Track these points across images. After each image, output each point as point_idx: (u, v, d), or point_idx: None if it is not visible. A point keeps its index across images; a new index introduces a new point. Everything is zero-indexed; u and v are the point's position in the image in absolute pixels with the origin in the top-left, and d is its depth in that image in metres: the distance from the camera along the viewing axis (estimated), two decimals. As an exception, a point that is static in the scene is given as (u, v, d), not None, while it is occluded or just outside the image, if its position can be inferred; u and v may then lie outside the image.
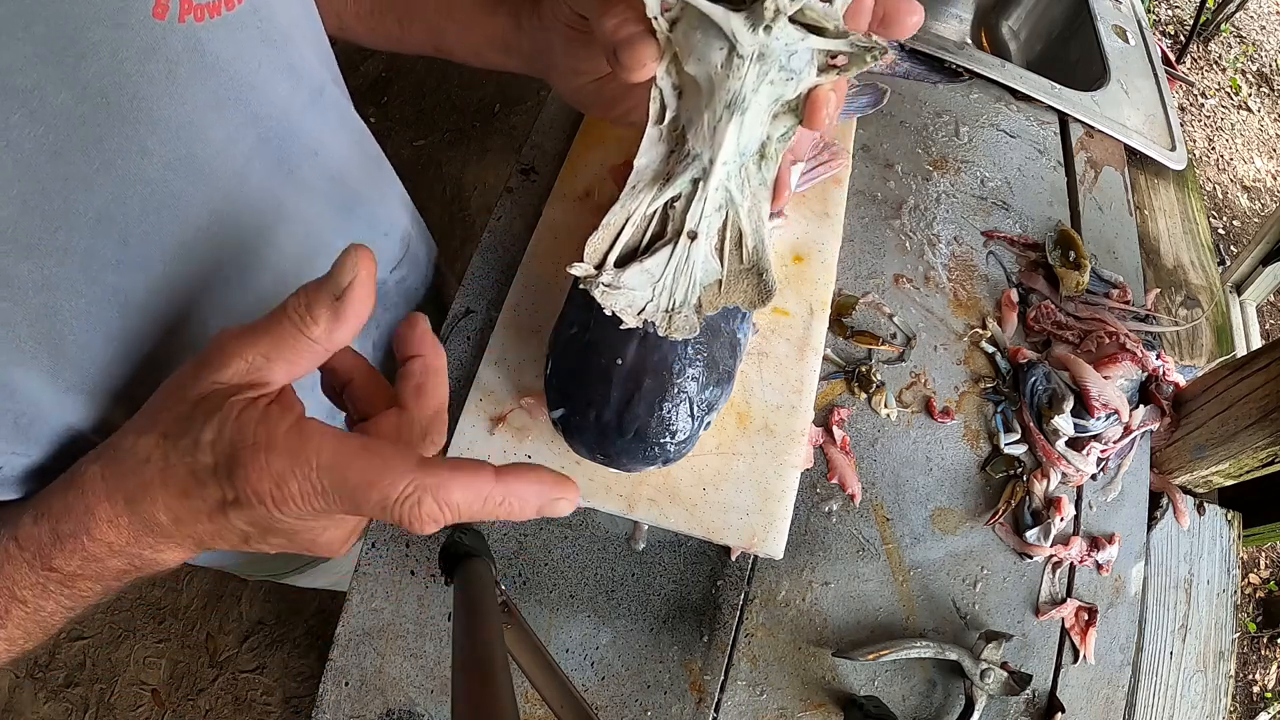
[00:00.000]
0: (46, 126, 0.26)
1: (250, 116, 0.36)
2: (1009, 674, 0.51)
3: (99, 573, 0.31)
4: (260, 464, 0.26)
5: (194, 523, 0.29)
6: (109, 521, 0.29)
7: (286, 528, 0.29)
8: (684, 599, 0.52)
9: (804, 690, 0.51)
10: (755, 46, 0.29)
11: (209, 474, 0.27)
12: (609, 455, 0.44)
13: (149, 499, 0.28)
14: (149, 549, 0.30)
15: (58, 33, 0.25)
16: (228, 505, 0.28)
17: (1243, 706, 1.65)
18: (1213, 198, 2.33)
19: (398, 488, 0.26)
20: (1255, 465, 0.58)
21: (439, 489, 0.26)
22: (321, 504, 0.27)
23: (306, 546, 0.31)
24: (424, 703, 0.49)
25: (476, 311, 0.58)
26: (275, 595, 1.46)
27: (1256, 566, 1.81)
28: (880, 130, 0.74)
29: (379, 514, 0.26)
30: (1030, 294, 0.67)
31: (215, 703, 1.39)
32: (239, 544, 0.30)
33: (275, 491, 0.26)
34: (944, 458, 0.59)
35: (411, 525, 0.26)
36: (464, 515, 0.27)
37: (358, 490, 0.26)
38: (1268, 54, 2.77)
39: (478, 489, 0.27)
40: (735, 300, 0.36)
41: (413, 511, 0.26)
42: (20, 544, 0.30)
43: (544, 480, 0.28)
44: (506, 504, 0.27)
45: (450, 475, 0.26)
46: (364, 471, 0.26)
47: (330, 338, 0.28)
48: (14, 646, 0.33)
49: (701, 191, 0.34)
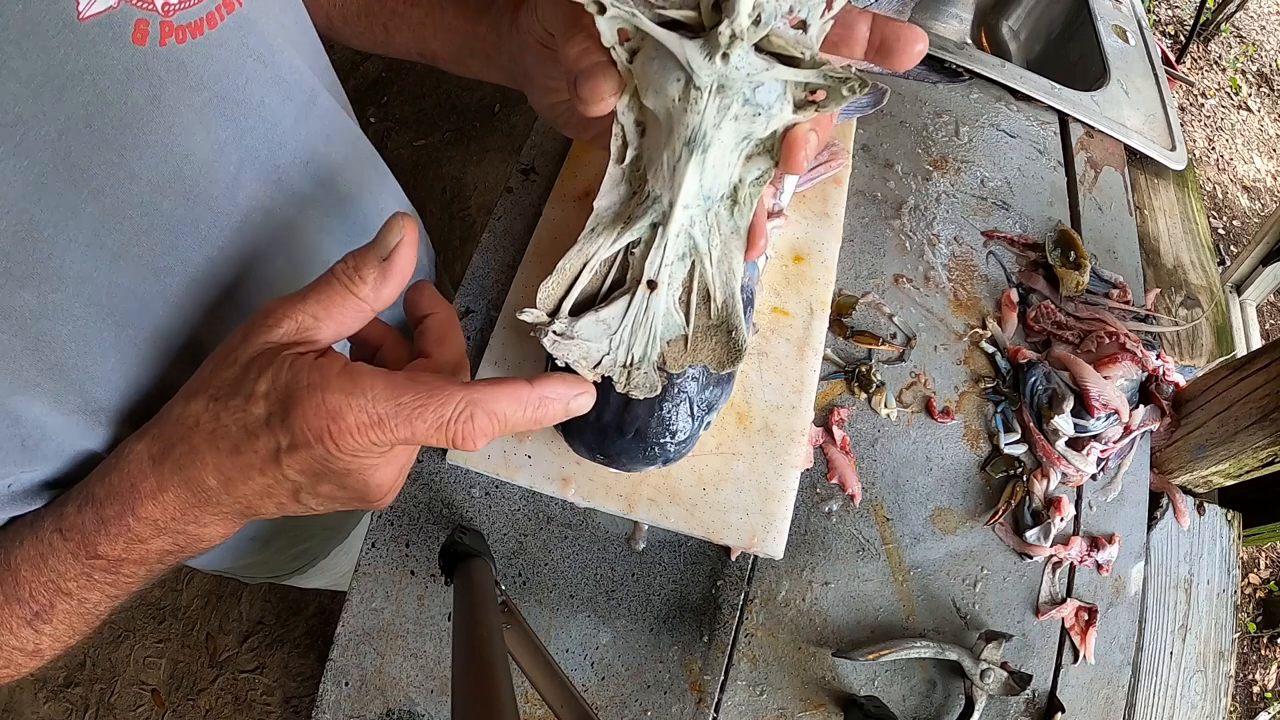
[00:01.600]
0: (31, 159, 0.26)
1: (237, 132, 0.36)
2: (1009, 674, 0.51)
3: (143, 556, 0.31)
4: (316, 401, 0.27)
5: (244, 481, 0.29)
6: (153, 497, 0.30)
7: (340, 468, 0.29)
8: (684, 599, 0.52)
9: (804, 690, 0.51)
10: (713, 77, 0.26)
11: (262, 425, 0.28)
12: (609, 455, 0.44)
13: (197, 463, 0.29)
14: (193, 523, 0.31)
15: (36, 67, 0.25)
16: (281, 453, 0.28)
17: (1243, 706, 1.65)
18: (1213, 198, 2.33)
19: (450, 404, 0.28)
20: (1255, 465, 0.58)
21: (487, 402, 0.28)
22: (377, 435, 0.27)
23: (358, 491, 0.31)
24: (424, 703, 0.49)
25: (476, 311, 0.58)
26: (275, 595, 1.46)
27: (1256, 566, 1.81)
28: (880, 130, 0.74)
29: (433, 435, 0.28)
30: (1030, 294, 0.67)
31: (215, 703, 1.39)
32: (287, 501, 0.31)
33: (332, 425, 0.27)
34: (944, 458, 0.59)
35: (465, 441, 0.28)
36: (509, 425, 0.29)
37: (414, 413, 0.27)
38: (1268, 54, 2.77)
39: (519, 397, 0.29)
40: (702, 360, 0.33)
41: (466, 427, 0.28)
42: (64, 534, 0.31)
43: (567, 380, 0.31)
44: (542, 405, 0.30)
45: (495, 389, 0.29)
46: (417, 395, 0.27)
47: (377, 296, 0.30)
48: (58, 642, 0.34)
49: (661, 237, 0.31)
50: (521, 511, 0.53)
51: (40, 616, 0.32)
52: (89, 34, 0.26)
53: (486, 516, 0.53)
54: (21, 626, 0.32)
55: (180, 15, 0.30)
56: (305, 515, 0.34)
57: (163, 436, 0.30)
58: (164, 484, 0.30)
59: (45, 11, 0.25)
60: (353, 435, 0.27)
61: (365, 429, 0.27)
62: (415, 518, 0.52)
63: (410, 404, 0.27)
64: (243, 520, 0.32)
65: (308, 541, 0.71)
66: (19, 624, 0.32)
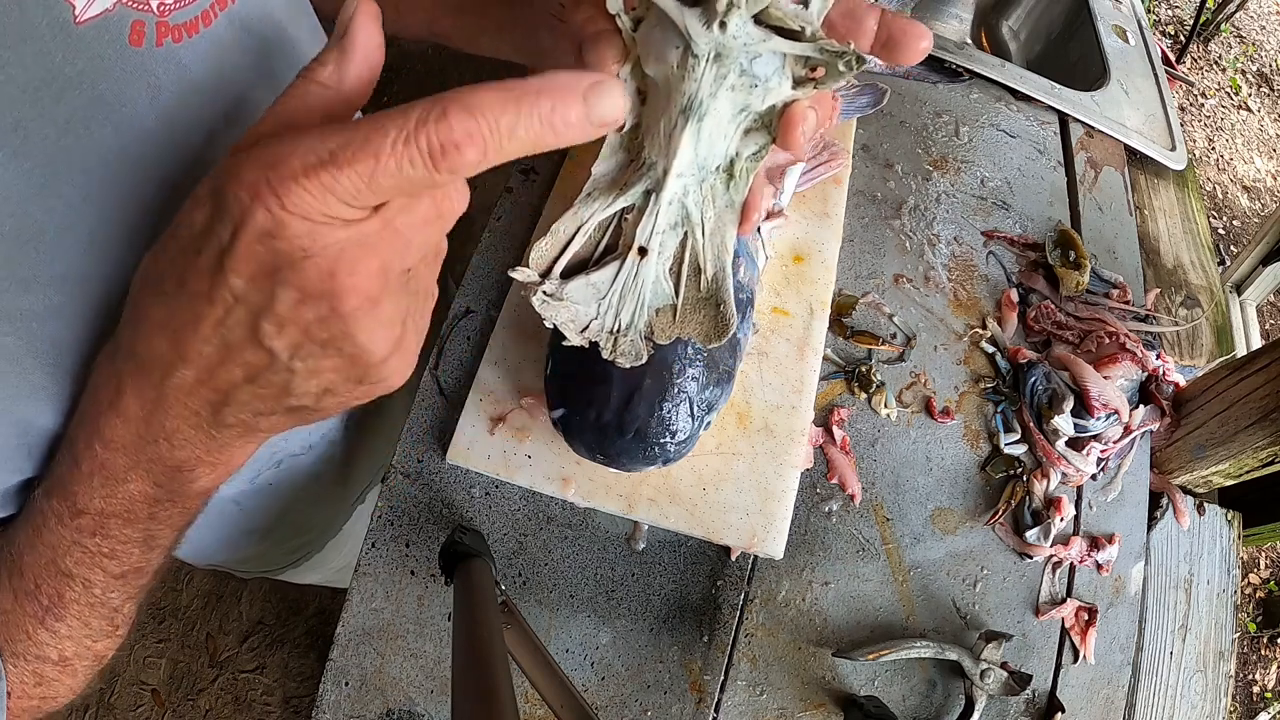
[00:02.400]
0: (32, 161, 0.26)
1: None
2: (1009, 674, 0.51)
3: (127, 507, 0.28)
4: (253, 157, 0.22)
5: (194, 326, 0.24)
6: (113, 406, 0.26)
7: (295, 253, 0.22)
8: (684, 599, 0.52)
9: (804, 690, 0.51)
10: (711, 45, 0.27)
11: (203, 230, 0.23)
12: (609, 455, 0.44)
13: (146, 328, 0.25)
14: (162, 438, 0.26)
15: (34, 72, 0.25)
16: (224, 255, 0.22)
17: (1243, 706, 1.65)
18: (1213, 198, 2.33)
19: (413, 110, 0.21)
20: (1255, 465, 0.58)
21: (462, 95, 0.21)
22: (331, 178, 0.21)
23: (340, 329, 0.24)
24: (424, 703, 0.49)
25: (476, 311, 0.58)
26: (275, 595, 1.46)
27: (1256, 566, 1.81)
28: (880, 130, 0.74)
29: (404, 159, 0.21)
30: (1030, 294, 0.67)
31: (215, 703, 1.39)
32: (254, 358, 0.24)
33: (271, 174, 0.21)
34: (944, 458, 0.59)
35: (447, 155, 0.21)
36: (503, 128, 0.21)
37: (371, 134, 0.21)
38: (1268, 54, 2.77)
39: (506, 87, 0.21)
40: (689, 332, 0.33)
41: (441, 130, 0.21)
42: (49, 492, 0.29)
43: (575, 72, 0.23)
44: (544, 95, 0.22)
45: (473, 86, 0.22)
46: (371, 121, 0.21)
47: (340, 77, 0.25)
48: (81, 646, 0.32)
49: (653, 205, 0.31)
50: (521, 511, 0.53)
51: (51, 613, 0.31)
52: (86, 38, 0.26)
53: (486, 516, 0.53)
54: (37, 628, 0.31)
55: (176, 15, 0.30)
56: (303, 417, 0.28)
57: (122, 320, 0.26)
58: (121, 382, 0.26)
59: (42, 17, 0.25)
60: (299, 181, 0.21)
61: (314, 171, 0.21)
62: (415, 518, 0.52)
63: (365, 126, 0.21)
64: (221, 431, 0.27)
65: (304, 535, 0.71)
66: (34, 625, 0.31)
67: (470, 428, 0.51)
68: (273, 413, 0.27)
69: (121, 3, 0.27)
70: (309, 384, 0.26)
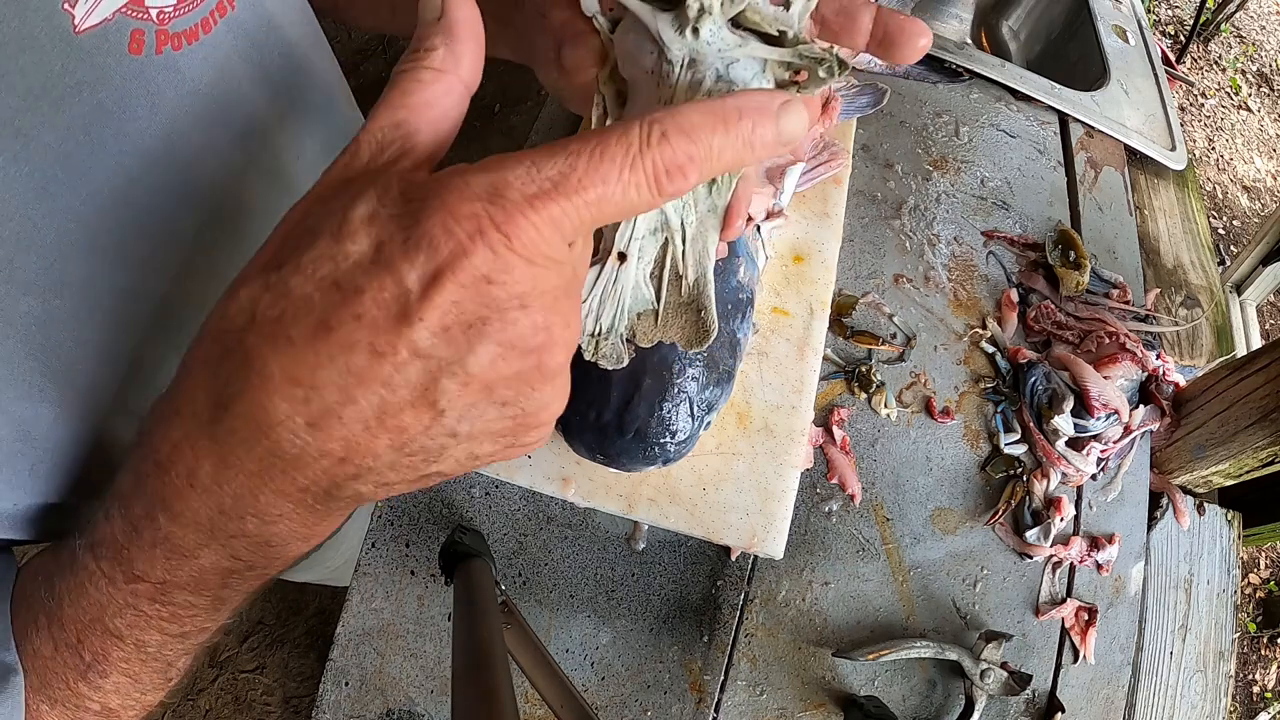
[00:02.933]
0: (32, 166, 0.26)
1: (236, 136, 0.36)
2: (1009, 674, 0.51)
3: (195, 578, 0.24)
4: (459, 187, 0.19)
5: (342, 383, 0.19)
6: (186, 478, 0.21)
7: (510, 297, 0.19)
8: (684, 599, 0.52)
9: (804, 690, 0.51)
10: (684, 51, 0.26)
11: (367, 267, 0.19)
12: (609, 455, 0.44)
13: (253, 383, 0.19)
14: (252, 512, 0.21)
15: (34, 81, 0.25)
16: (412, 299, 0.18)
17: (1243, 706, 1.65)
18: (1213, 198, 2.33)
19: (632, 130, 0.20)
20: (1255, 465, 0.58)
21: (672, 116, 0.20)
22: (559, 207, 0.19)
23: (530, 415, 0.22)
24: (424, 703, 0.49)
25: (476, 311, 0.58)
26: (275, 595, 1.46)
27: (1256, 566, 1.81)
28: (880, 130, 0.74)
29: (630, 181, 0.19)
30: (1030, 294, 0.67)
31: (215, 703, 1.39)
32: (420, 425, 0.20)
33: (493, 209, 0.18)
34: (944, 458, 0.59)
35: (674, 176, 0.20)
36: (715, 150, 0.20)
37: (595, 156, 0.19)
38: (1268, 54, 2.77)
39: (710, 109, 0.21)
40: (671, 337, 0.32)
41: (665, 152, 0.20)
42: (95, 551, 0.24)
43: (768, 92, 0.23)
44: (745, 116, 0.21)
45: (671, 109, 0.21)
46: (585, 140, 0.20)
47: (455, 60, 0.23)
48: (129, 699, 0.28)
49: None
50: (521, 511, 0.53)
51: (94, 669, 0.26)
52: (86, 46, 0.27)
53: (486, 516, 0.53)
54: (77, 680, 0.26)
55: (175, 23, 0.30)
56: (425, 484, 0.23)
57: (188, 369, 0.21)
58: (196, 448, 0.20)
59: (42, 26, 0.25)
60: (527, 216, 0.18)
61: (542, 201, 0.18)
62: (415, 518, 0.52)
63: (583, 150, 0.19)
64: (331, 505, 0.22)
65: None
66: (74, 677, 0.26)
67: (470, 428, 0.51)
68: (398, 483, 0.22)
69: (121, 11, 0.27)
70: (460, 450, 0.21)
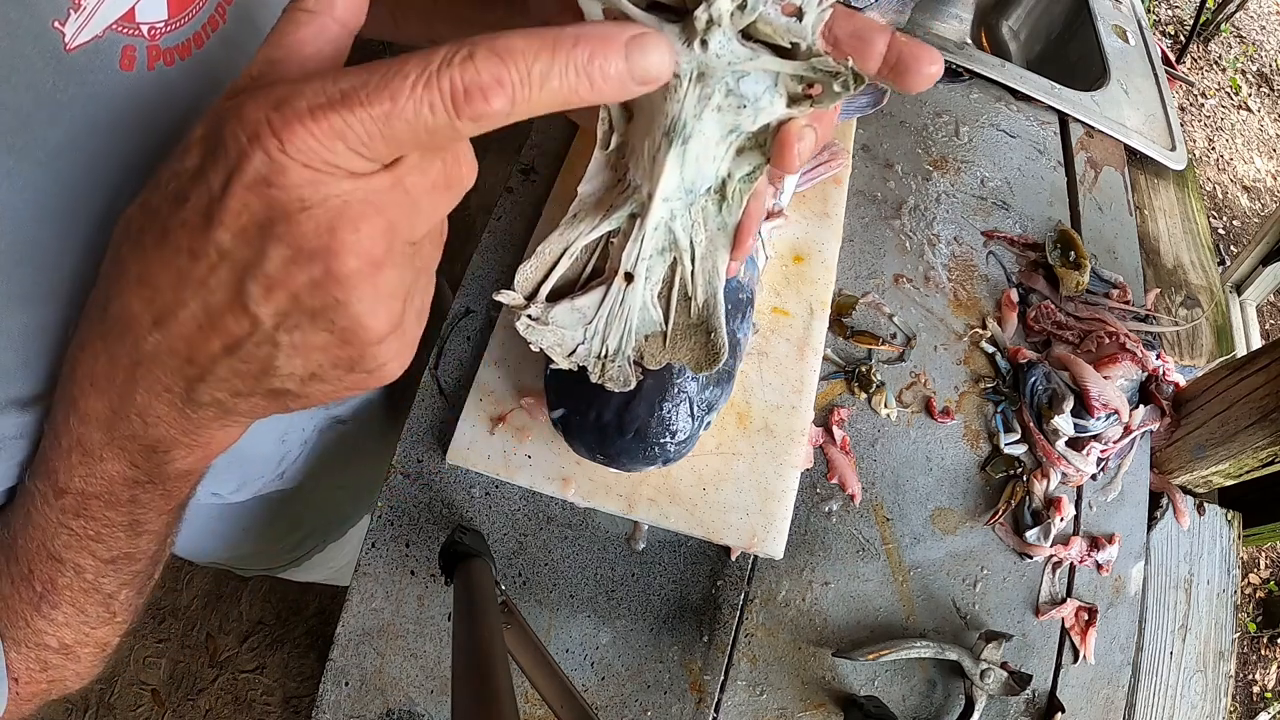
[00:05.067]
0: (26, 181, 0.26)
1: None
2: (1009, 674, 0.51)
3: (106, 487, 0.27)
4: (257, 96, 0.20)
5: (174, 284, 0.22)
6: (87, 376, 0.25)
7: (291, 203, 0.20)
8: (684, 599, 0.52)
9: (804, 690, 0.51)
10: (693, 64, 0.25)
11: (193, 176, 0.21)
12: (609, 455, 0.44)
13: (124, 285, 0.23)
14: (135, 411, 0.25)
15: (25, 99, 0.25)
16: (213, 203, 0.20)
17: (1243, 706, 1.65)
18: (1213, 198, 2.33)
19: (439, 50, 0.19)
20: (1255, 465, 0.58)
21: (492, 39, 0.20)
22: (340, 119, 0.19)
23: (349, 331, 0.22)
24: (424, 703, 0.49)
25: (476, 311, 0.58)
26: (275, 595, 1.46)
27: (1256, 566, 1.81)
28: (880, 130, 0.74)
29: (422, 101, 0.19)
30: (1030, 294, 0.67)
31: (215, 703, 1.39)
32: (236, 325, 0.22)
33: (274, 115, 0.19)
34: (944, 458, 0.59)
35: (471, 100, 0.19)
36: (535, 75, 0.20)
37: (390, 73, 0.19)
38: (1268, 54, 2.77)
39: (539, 33, 0.20)
40: (680, 359, 0.31)
41: (466, 72, 0.19)
42: (34, 471, 0.28)
43: (618, 23, 0.22)
44: (581, 44, 0.20)
45: (502, 31, 0.20)
46: (389, 62, 0.20)
47: (330, 2, 0.23)
48: (79, 634, 0.32)
49: (639, 229, 0.29)
50: (521, 511, 0.53)
51: (46, 599, 0.30)
52: (77, 64, 0.26)
53: (486, 516, 0.53)
54: (34, 615, 0.31)
55: (167, 39, 0.30)
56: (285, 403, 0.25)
57: (99, 276, 0.24)
58: (94, 346, 0.24)
59: (32, 45, 0.25)
60: (305, 123, 0.19)
61: (324, 111, 0.19)
62: (415, 518, 0.52)
63: (383, 67, 0.19)
64: (196, 410, 0.25)
65: (302, 530, 0.71)
66: (31, 612, 0.30)
67: (470, 428, 0.51)
68: (252, 393, 0.24)
69: (112, 28, 0.27)
70: (294, 363, 0.23)
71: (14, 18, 0.24)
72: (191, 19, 0.31)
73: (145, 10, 0.28)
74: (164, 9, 0.29)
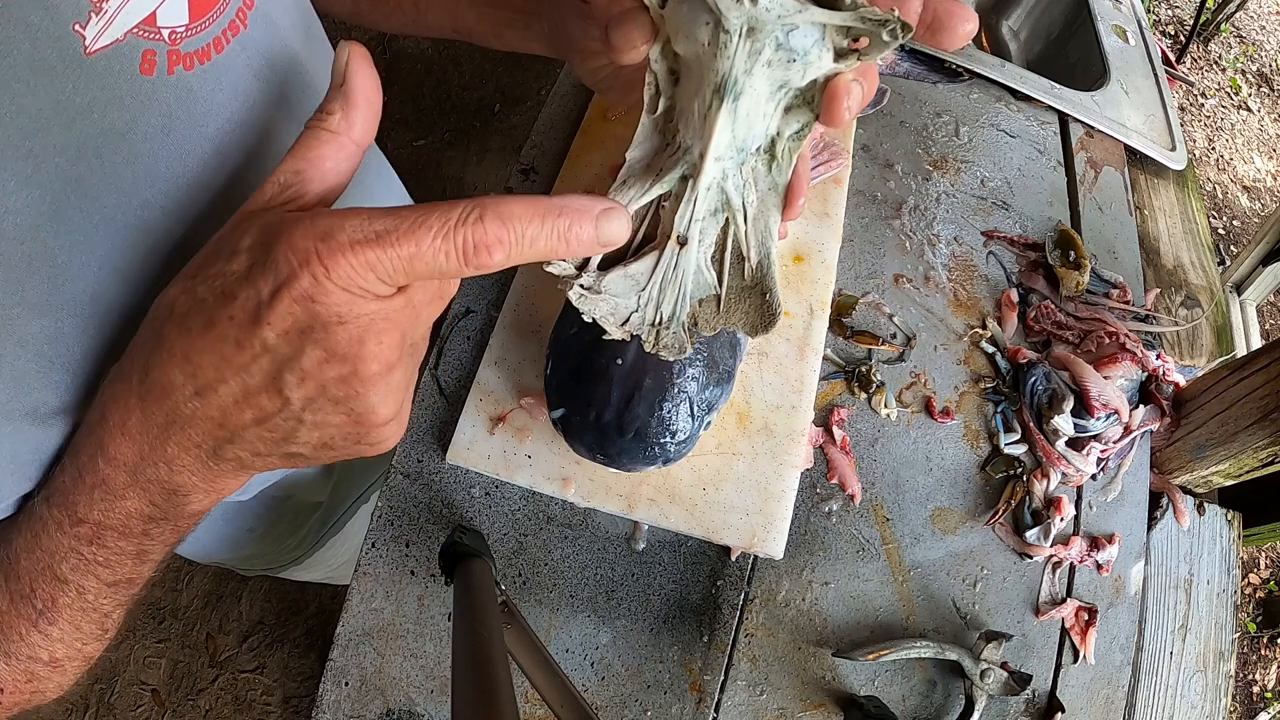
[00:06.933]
0: (44, 189, 0.26)
1: (247, 155, 0.36)
2: (1009, 674, 0.51)
3: (123, 522, 0.29)
4: (305, 225, 0.24)
5: (217, 367, 0.25)
6: (120, 426, 0.27)
7: (330, 317, 0.25)
8: (684, 599, 0.52)
9: (804, 690, 0.51)
10: (742, 19, 0.25)
11: (241, 279, 0.25)
12: (609, 455, 0.44)
13: (164, 357, 0.26)
14: (163, 461, 0.28)
15: (45, 102, 0.25)
16: (262, 307, 0.24)
17: (1243, 706, 1.65)
18: (1213, 198, 2.33)
19: (455, 208, 0.24)
20: (1255, 465, 0.58)
21: (496, 204, 0.25)
22: (375, 254, 0.24)
23: (362, 416, 0.27)
24: (424, 703, 0.49)
25: (476, 311, 0.58)
26: (275, 595, 1.46)
27: (1256, 566, 1.81)
28: (880, 130, 0.74)
29: (441, 249, 0.24)
30: (1030, 294, 0.67)
31: (215, 703, 1.39)
32: (269, 403, 0.26)
33: (321, 245, 0.23)
34: (944, 458, 0.59)
35: (479, 253, 0.24)
36: (526, 238, 0.25)
37: (416, 223, 0.24)
38: (1268, 54, 2.77)
39: (534, 203, 0.25)
40: (735, 323, 0.31)
41: (476, 231, 0.24)
42: (50, 500, 0.30)
43: (590, 195, 0.27)
44: (563, 215, 0.25)
45: (501, 196, 0.25)
46: (416, 209, 0.24)
47: (349, 123, 0.28)
48: (72, 649, 0.33)
49: (691, 191, 0.29)
50: (521, 511, 0.53)
51: (45, 616, 0.31)
52: (96, 68, 0.26)
53: (486, 516, 0.53)
54: (30, 630, 0.31)
55: (187, 43, 0.30)
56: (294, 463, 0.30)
57: (134, 343, 0.27)
58: (129, 402, 0.27)
59: (52, 48, 0.25)
60: (346, 256, 0.23)
61: (361, 247, 0.23)
62: (415, 518, 0.52)
63: (410, 215, 0.24)
64: (219, 463, 0.28)
65: (302, 531, 0.71)
66: (27, 627, 0.31)
67: (470, 428, 0.51)
68: (270, 455, 0.28)
69: (132, 32, 0.27)
70: (312, 435, 0.28)
71: (34, 20, 0.24)
72: (212, 23, 0.31)
73: (167, 14, 0.28)
74: (185, 13, 0.29)
